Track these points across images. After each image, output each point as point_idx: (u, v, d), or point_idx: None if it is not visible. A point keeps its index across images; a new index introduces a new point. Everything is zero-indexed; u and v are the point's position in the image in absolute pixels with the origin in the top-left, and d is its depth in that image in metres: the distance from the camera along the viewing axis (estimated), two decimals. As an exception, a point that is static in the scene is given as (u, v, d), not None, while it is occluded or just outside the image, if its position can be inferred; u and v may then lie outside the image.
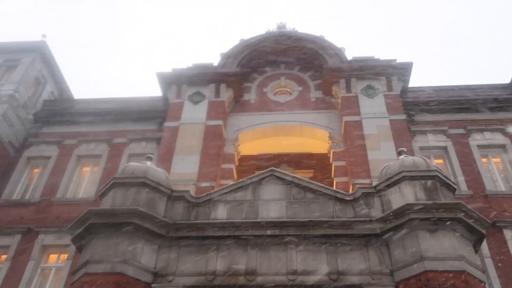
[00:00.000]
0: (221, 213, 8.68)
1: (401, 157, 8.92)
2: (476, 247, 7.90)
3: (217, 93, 16.72)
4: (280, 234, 8.03)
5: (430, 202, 7.60)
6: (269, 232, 8.03)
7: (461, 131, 15.48)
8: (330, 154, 15.38)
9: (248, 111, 16.90)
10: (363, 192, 8.63)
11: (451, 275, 6.96)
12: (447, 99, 16.18)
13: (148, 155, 9.95)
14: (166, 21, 65.18)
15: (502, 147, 15.09)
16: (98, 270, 7.68)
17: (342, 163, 14.57)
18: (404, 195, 8.02)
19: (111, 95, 21.39)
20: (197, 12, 64.03)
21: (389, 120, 15.14)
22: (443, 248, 7.29)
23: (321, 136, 15.92)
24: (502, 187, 14.12)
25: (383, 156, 13.58)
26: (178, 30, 65.56)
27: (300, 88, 17.47)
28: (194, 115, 16.09)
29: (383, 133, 14.72)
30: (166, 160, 14.43)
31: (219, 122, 15.73)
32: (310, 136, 16.20)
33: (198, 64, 17.75)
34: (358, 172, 13.43)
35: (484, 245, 11.59)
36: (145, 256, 8.02)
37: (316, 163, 16.46)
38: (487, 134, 15.37)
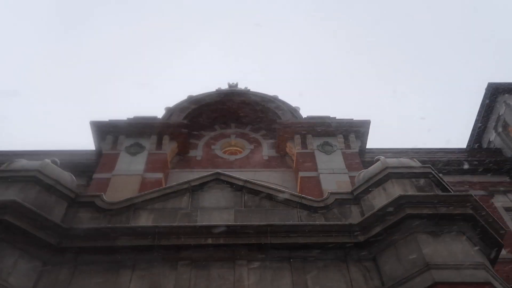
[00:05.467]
0: (143, 222, 6.11)
1: (382, 157, 7.09)
2: (490, 260, 5.78)
3: (159, 145, 14.64)
4: (226, 243, 5.56)
5: (431, 193, 5.62)
6: (210, 241, 5.54)
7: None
8: (285, 214, 13.30)
9: (193, 167, 14.82)
10: (336, 199, 6.51)
11: (471, 288, 4.77)
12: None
13: (54, 159, 7.38)
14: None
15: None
16: None
17: (299, 221, 12.55)
18: (392, 196, 6.01)
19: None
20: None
21: (349, 176, 13.63)
22: (453, 254, 5.16)
23: (274, 195, 13.97)
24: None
25: (344, 212, 11.80)
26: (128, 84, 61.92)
27: (252, 147, 15.89)
28: (130, 166, 13.61)
29: (343, 189, 13.01)
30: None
31: (159, 175, 13.37)
32: (263, 195, 14.19)
33: (140, 116, 15.94)
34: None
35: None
36: (18, 273, 5.16)
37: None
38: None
